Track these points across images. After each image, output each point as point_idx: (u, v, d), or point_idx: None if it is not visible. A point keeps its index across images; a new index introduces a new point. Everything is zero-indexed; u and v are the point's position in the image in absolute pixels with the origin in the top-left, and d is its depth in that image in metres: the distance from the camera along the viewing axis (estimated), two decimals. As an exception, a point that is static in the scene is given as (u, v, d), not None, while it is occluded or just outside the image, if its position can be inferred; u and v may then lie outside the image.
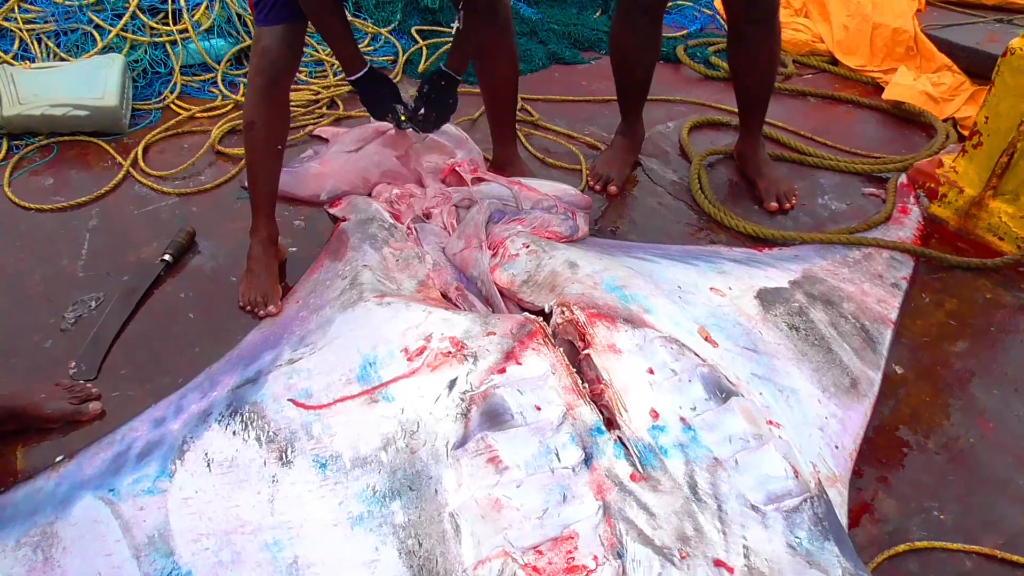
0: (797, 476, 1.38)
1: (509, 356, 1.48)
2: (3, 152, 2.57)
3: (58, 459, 1.60)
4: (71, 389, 1.71)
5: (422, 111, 2.31)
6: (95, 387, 1.75)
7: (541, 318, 1.66)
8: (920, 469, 1.70)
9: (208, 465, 1.47)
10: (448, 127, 2.72)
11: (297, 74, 3.14)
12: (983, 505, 1.63)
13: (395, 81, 3.29)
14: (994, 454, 1.74)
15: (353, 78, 2.16)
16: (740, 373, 1.62)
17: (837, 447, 1.64)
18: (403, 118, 2.28)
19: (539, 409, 1.39)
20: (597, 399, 1.45)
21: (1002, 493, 1.65)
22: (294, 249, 2.28)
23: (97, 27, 2.95)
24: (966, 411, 1.85)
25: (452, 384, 1.46)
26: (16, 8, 2.92)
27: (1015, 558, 1.49)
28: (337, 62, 3.30)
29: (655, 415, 1.41)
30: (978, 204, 2.41)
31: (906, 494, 1.64)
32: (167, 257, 2.16)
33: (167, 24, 3.05)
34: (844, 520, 1.47)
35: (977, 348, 2.04)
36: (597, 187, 2.67)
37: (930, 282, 2.26)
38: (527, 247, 2.00)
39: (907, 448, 1.75)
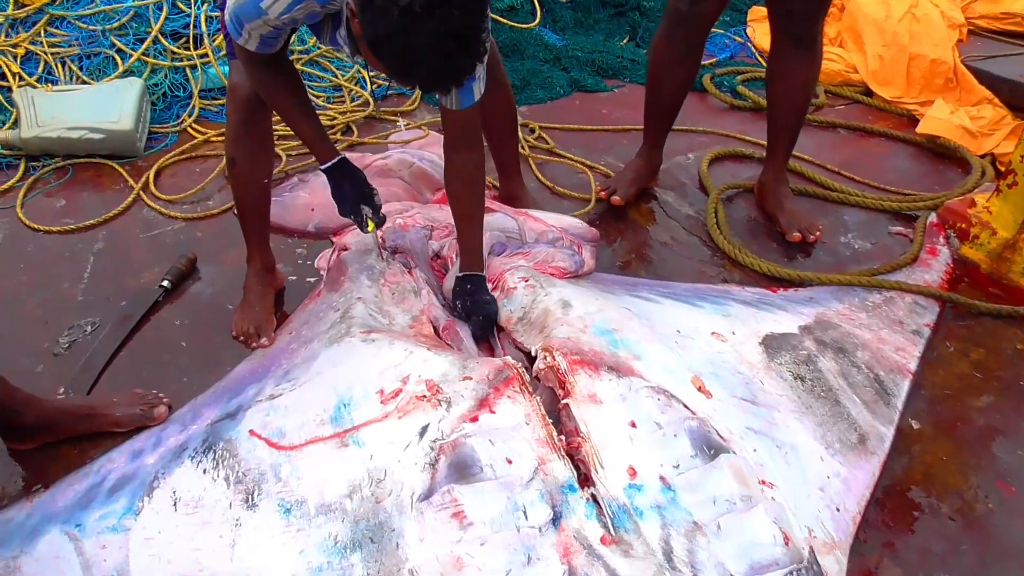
0: (787, 543, 1.29)
1: (483, 403, 1.42)
2: (20, 173, 2.61)
3: (35, 488, 1.60)
4: (143, 397, 1.78)
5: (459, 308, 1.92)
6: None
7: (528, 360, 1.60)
8: (931, 535, 1.58)
9: (175, 504, 1.44)
10: (433, 157, 2.68)
11: (315, 99, 3.15)
12: (998, 579, 1.51)
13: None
14: (1014, 521, 1.62)
15: (323, 167, 1.88)
16: (734, 427, 1.53)
17: (839, 509, 1.53)
18: (371, 225, 1.93)
19: (510, 462, 1.32)
20: (574, 453, 1.37)
21: (1020, 566, 1.53)
22: (293, 278, 2.25)
23: (119, 51, 3.00)
24: (986, 472, 1.73)
25: (423, 431, 1.40)
26: (43, 32, 2.99)
27: (1028, 643, 1.37)
28: (356, 88, 3.32)
29: (633, 473, 1.32)
30: (1012, 247, 2.27)
31: (914, 563, 1.53)
32: (166, 283, 2.15)
33: (188, 49, 3.08)
34: (840, 591, 1.37)
35: (1003, 403, 1.91)
36: (603, 194, 2.68)
37: (956, 329, 2.13)
38: (526, 281, 1.94)
39: (918, 511, 1.63)
